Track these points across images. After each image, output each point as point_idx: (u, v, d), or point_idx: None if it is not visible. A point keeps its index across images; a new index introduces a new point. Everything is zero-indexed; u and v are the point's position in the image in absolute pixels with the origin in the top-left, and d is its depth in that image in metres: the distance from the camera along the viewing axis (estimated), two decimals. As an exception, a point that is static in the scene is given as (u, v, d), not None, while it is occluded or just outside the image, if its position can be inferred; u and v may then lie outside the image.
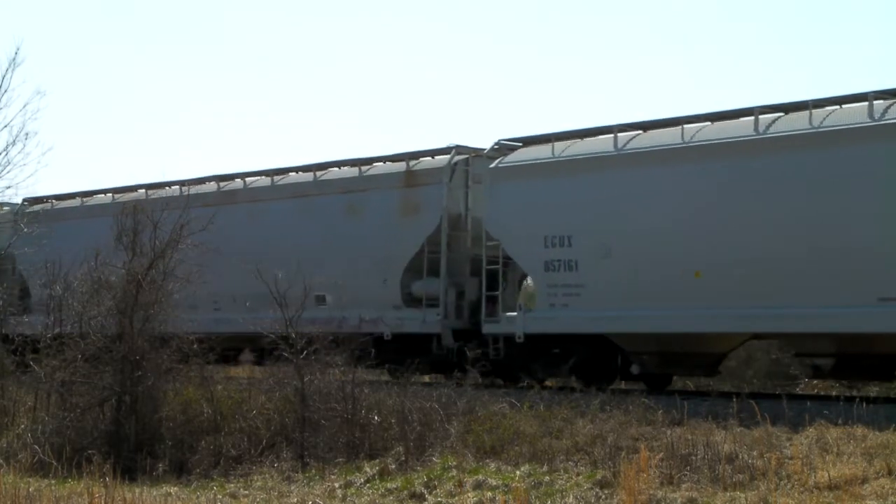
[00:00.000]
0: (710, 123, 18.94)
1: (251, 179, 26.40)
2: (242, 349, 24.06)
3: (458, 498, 12.98)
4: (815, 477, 12.15)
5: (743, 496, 11.78)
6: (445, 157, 22.65)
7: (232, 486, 14.96)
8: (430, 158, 23.16)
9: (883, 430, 13.67)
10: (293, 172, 25.73)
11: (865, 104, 17.10)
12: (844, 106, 17.61)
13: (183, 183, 27.53)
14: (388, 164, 23.82)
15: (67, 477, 15.57)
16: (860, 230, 16.70)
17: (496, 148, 21.72)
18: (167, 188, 27.87)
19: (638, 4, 69.37)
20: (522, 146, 21.39)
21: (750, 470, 12.62)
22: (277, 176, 25.82)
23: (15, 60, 23.34)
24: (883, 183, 16.59)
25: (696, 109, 20.35)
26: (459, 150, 22.60)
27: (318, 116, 74.07)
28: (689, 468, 12.88)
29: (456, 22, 74.00)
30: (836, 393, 19.23)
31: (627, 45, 70.35)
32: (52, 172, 41.12)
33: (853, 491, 11.64)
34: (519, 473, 13.62)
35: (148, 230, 18.86)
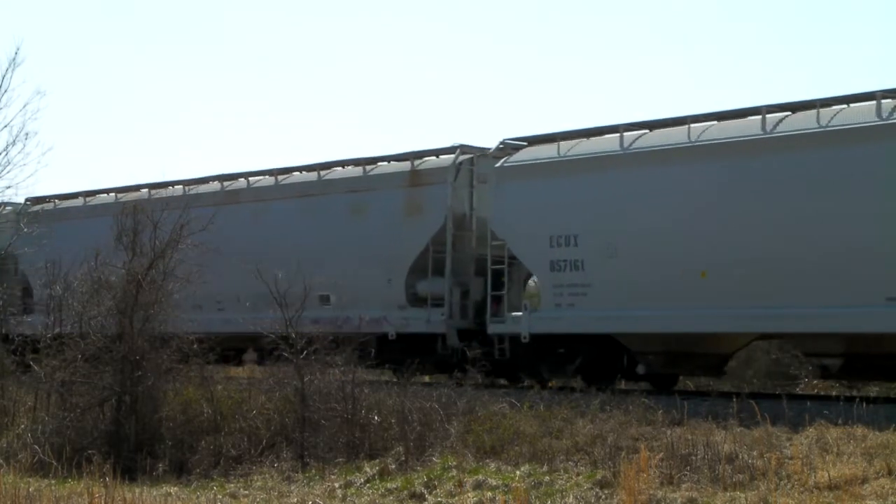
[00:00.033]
0: (716, 122, 18.83)
1: (254, 179, 26.30)
2: (246, 349, 24.08)
3: (458, 498, 12.97)
4: (815, 477, 12.14)
5: (743, 496, 11.77)
6: (450, 156, 22.58)
7: (232, 486, 14.95)
8: (434, 158, 23.08)
9: (883, 430, 13.66)
10: (297, 172, 25.62)
11: (873, 103, 17.00)
12: (852, 105, 17.51)
13: (186, 182, 27.48)
14: (392, 163, 23.75)
15: (67, 477, 15.55)
16: (868, 230, 16.58)
17: (501, 147, 21.63)
18: (170, 188, 27.81)
19: (638, 4, 69.41)
20: (527, 146, 21.30)
21: (750, 470, 12.61)
22: (281, 175, 25.72)
23: (15, 60, 23.30)
24: (890, 182, 16.48)
25: (696, 109, 20.32)
26: (464, 149, 22.52)
27: (318, 116, 74.14)
28: (689, 468, 12.86)
29: (456, 22, 74.07)
30: (836, 393, 19.22)
31: (628, 44, 70.40)
32: (52, 172, 41.11)
33: (853, 491, 11.63)
34: (519, 473, 13.61)
35: (148, 230, 18.85)
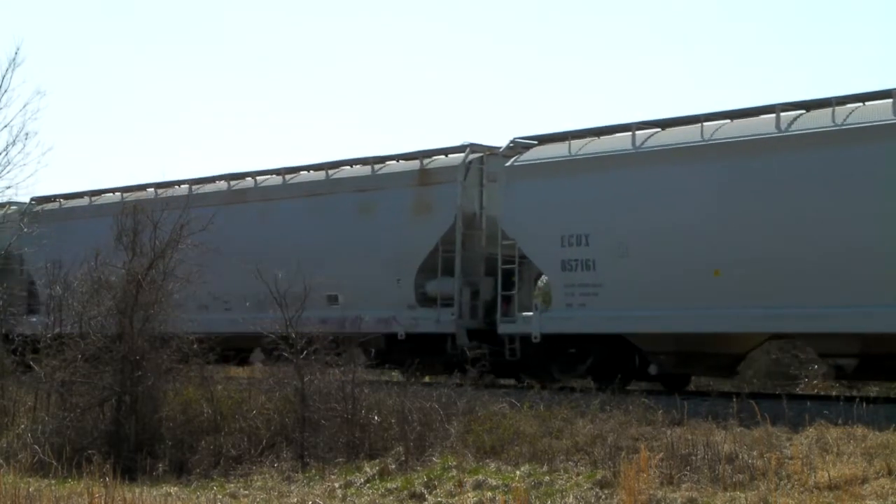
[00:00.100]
0: (729, 121, 18.69)
1: (262, 178, 26.12)
2: (254, 349, 24.00)
3: (458, 498, 12.97)
4: (815, 477, 12.14)
5: (743, 496, 11.77)
6: (460, 155, 22.43)
7: (232, 486, 14.95)
8: (443, 157, 22.94)
9: (883, 430, 13.65)
10: (304, 171, 25.46)
11: (890, 101, 16.85)
12: (868, 103, 17.38)
13: (193, 182, 27.33)
14: (401, 162, 23.61)
15: (67, 477, 15.55)
16: (885, 229, 16.39)
17: (511, 146, 21.49)
18: (176, 187, 27.61)
19: (640, 4, 69.42)
20: (538, 144, 21.15)
21: (750, 470, 12.61)
22: (288, 175, 25.55)
23: (15, 60, 23.32)
24: None
25: (696, 109, 20.26)
26: (474, 148, 22.38)
27: (320, 116, 74.14)
28: (689, 468, 12.86)
29: (458, 21, 74.07)
30: (836, 393, 19.21)
31: (631, 44, 70.42)
32: (52, 172, 41.13)
33: (853, 491, 11.63)
34: (519, 473, 13.61)
35: (149, 230, 18.84)
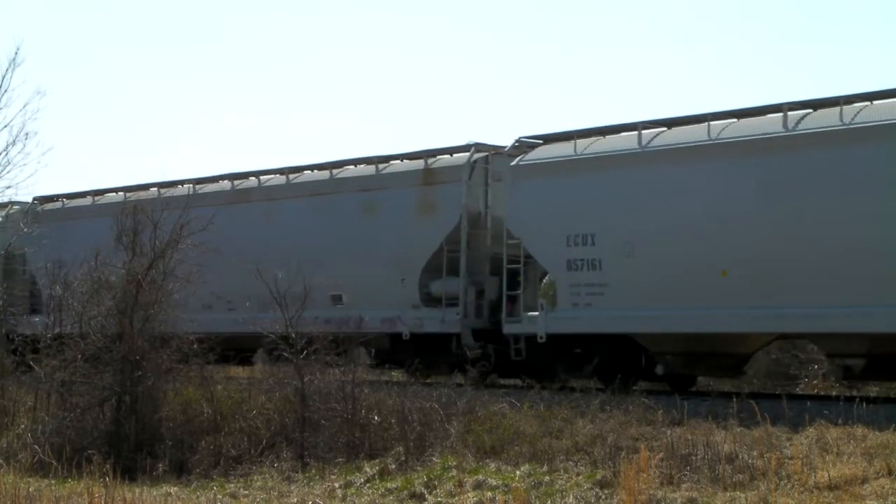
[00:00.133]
0: (736, 120, 18.62)
1: (265, 178, 26.03)
2: (257, 349, 23.97)
3: (458, 498, 12.97)
4: (815, 477, 12.14)
5: (743, 496, 11.77)
6: (464, 154, 22.35)
7: (232, 486, 14.95)
8: (448, 156, 22.85)
9: (883, 430, 13.66)
10: (308, 171, 25.38)
11: None
12: (875, 102, 17.31)
13: (196, 181, 27.25)
14: (405, 162, 23.54)
15: (67, 477, 15.55)
16: (892, 228, 16.31)
17: (516, 145, 21.43)
18: (179, 186, 27.49)
19: (645, 2, 69.45)
20: (543, 144, 21.08)
21: (750, 470, 12.61)
22: (292, 174, 25.47)
23: (15, 60, 23.27)
24: None
25: (703, 108, 20.21)
26: (479, 147, 22.31)
27: (320, 116, 74.10)
28: (689, 468, 12.86)
29: (459, 20, 74.05)
30: (836, 393, 19.21)
31: (633, 43, 70.41)
32: (52, 172, 41.12)
33: (853, 491, 11.63)
34: (519, 473, 13.61)
35: (150, 230, 18.83)
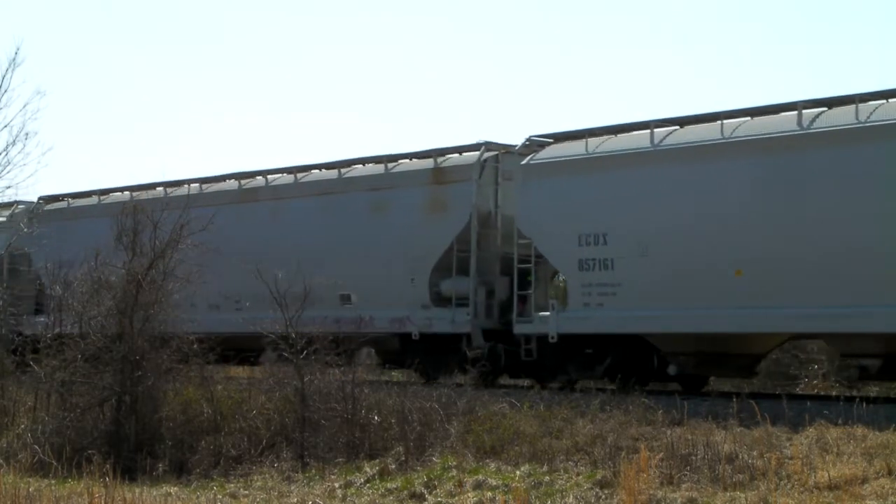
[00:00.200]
0: (749, 118, 18.53)
1: (273, 177, 25.89)
2: (263, 349, 23.91)
3: (458, 498, 12.97)
4: (815, 477, 12.15)
5: (743, 496, 11.78)
6: (475, 153, 22.21)
7: (232, 486, 14.96)
8: (458, 155, 22.72)
9: (883, 430, 13.66)
10: (316, 170, 25.24)
11: None
12: (891, 100, 17.21)
13: (203, 181, 27.14)
14: (414, 161, 23.44)
15: (67, 477, 15.56)
16: None
17: (527, 144, 21.34)
18: (185, 186, 27.33)
19: (642, 4, 69.46)
20: (553, 142, 20.99)
21: (750, 470, 12.61)
22: (300, 174, 25.33)
23: (15, 60, 23.22)
24: None
25: (696, 109, 20.16)
26: (489, 146, 22.19)
27: (322, 116, 74.12)
28: (689, 468, 12.87)
29: (456, 20, 74.04)
30: (836, 393, 19.21)
31: (639, 42, 70.42)
32: (52, 172, 41.15)
33: (853, 491, 11.63)
34: (519, 473, 13.61)
35: (151, 230, 18.84)
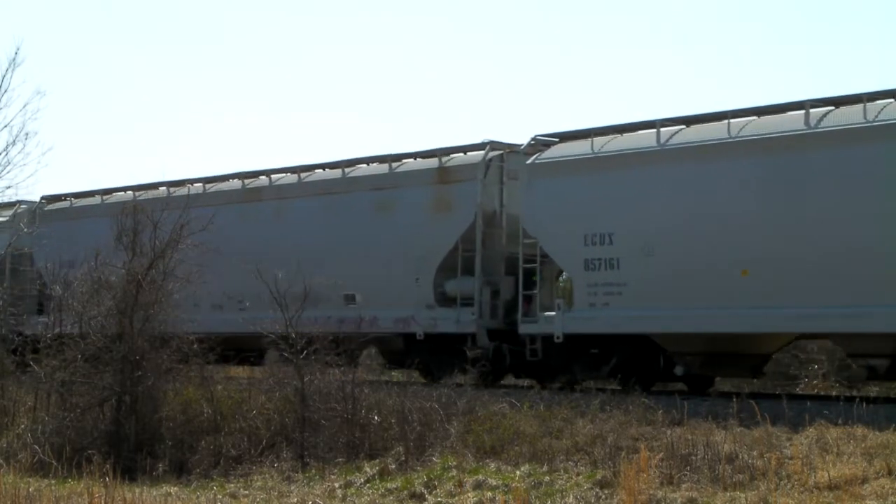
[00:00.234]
0: (756, 117, 18.50)
1: (276, 176, 25.85)
2: (267, 349, 23.89)
3: (458, 498, 12.98)
4: (815, 477, 12.15)
5: (743, 496, 11.78)
6: (479, 152, 22.18)
7: (232, 486, 14.96)
8: (462, 155, 22.70)
9: (883, 430, 13.68)
10: (320, 169, 25.22)
11: None
12: None
13: (207, 180, 27.10)
14: (419, 160, 23.41)
15: (67, 477, 15.56)
16: None
17: (532, 144, 21.31)
18: (189, 185, 27.31)
19: (642, 4, 69.47)
20: (559, 142, 20.97)
21: (750, 470, 12.62)
22: (304, 173, 25.31)
23: (15, 60, 23.21)
24: None
25: (696, 109, 20.12)
26: (494, 145, 22.16)
27: (319, 116, 74.10)
28: (689, 468, 12.87)
29: (457, 20, 74.04)
30: (836, 393, 19.22)
31: (630, 44, 70.43)
32: (52, 172, 41.13)
33: (853, 491, 11.63)
34: (519, 473, 13.62)
35: (152, 229, 18.86)
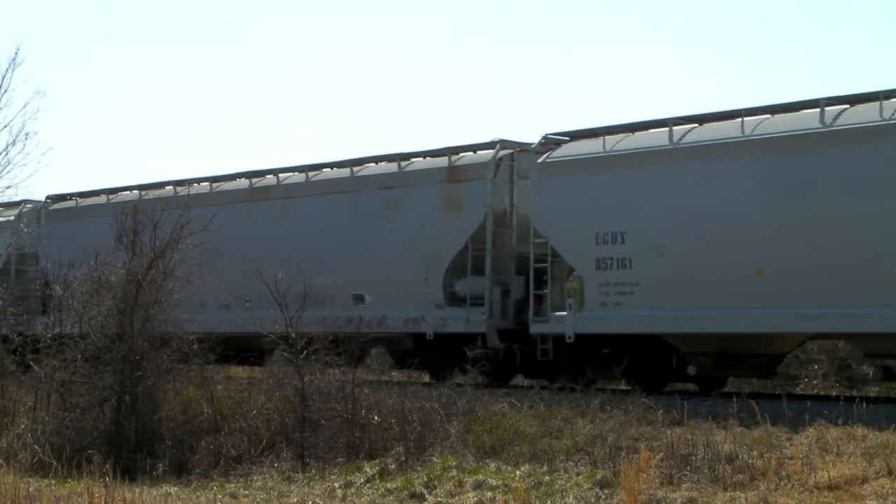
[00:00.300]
0: (770, 116, 18.36)
1: (284, 176, 25.72)
2: (273, 349, 23.89)
3: (458, 498, 12.99)
4: (815, 477, 12.16)
5: (743, 496, 11.79)
6: (489, 151, 22.05)
7: (232, 486, 14.97)
8: (472, 153, 22.56)
9: (883, 430, 13.67)
10: (328, 168, 25.09)
11: None
12: None
13: (214, 179, 26.99)
14: (428, 159, 23.30)
15: (67, 477, 15.57)
16: None
17: (542, 142, 21.18)
18: (195, 184, 27.19)
19: (642, 4, 69.51)
20: (569, 141, 20.85)
21: (750, 470, 12.62)
22: (312, 172, 25.17)
23: (15, 60, 23.20)
24: None
25: (696, 109, 20.04)
26: (504, 144, 22.04)
27: (319, 117, 74.09)
28: (689, 468, 12.88)
29: (457, 20, 74.08)
30: (836, 393, 19.23)
31: (630, 44, 70.46)
32: (52, 173, 41.10)
33: (853, 491, 11.64)
34: (519, 473, 13.62)
35: (152, 229, 18.88)
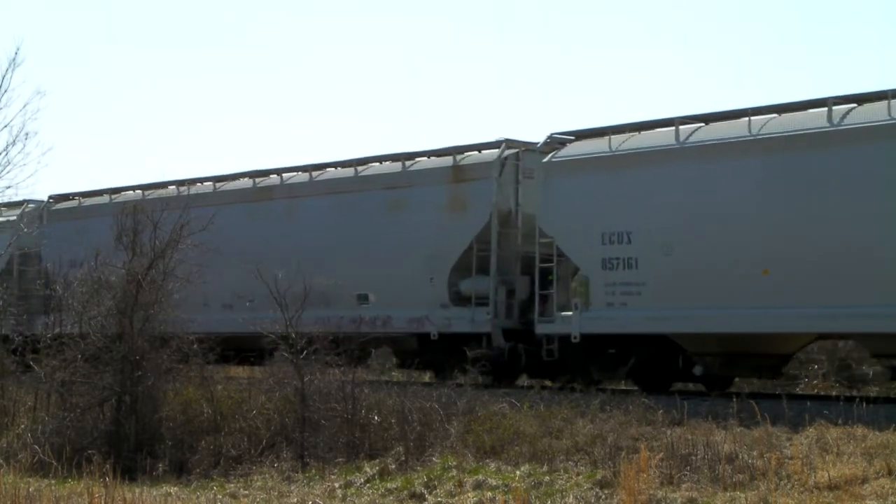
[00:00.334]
0: (776, 115, 18.36)
1: (288, 175, 25.68)
2: (277, 348, 23.86)
3: (458, 498, 12.99)
4: (815, 477, 12.16)
5: (743, 496, 11.79)
6: (495, 151, 22.04)
7: (232, 486, 14.97)
8: (477, 153, 22.55)
9: (883, 430, 13.68)
10: (332, 168, 25.08)
11: None
12: None
13: (216, 179, 26.99)
14: (432, 159, 23.28)
15: (67, 477, 15.58)
16: None
17: (548, 142, 21.19)
18: (198, 184, 27.18)
19: (642, 4, 69.53)
20: (575, 140, 20.84)
21: (750, 470, 12.62)
22: (315, 172, 25.16)
23: (15, 60, 23.14)
24: None
25: (696, 109, 20.02)
26: (509, 144, 22.00)
27: (319, 117, 74.13)
28: (689, 468, 12.88)
29: (457, 20, 74.11)
30: (836, 393, 19.24)
31: (630, 44, 70.49)
32: (53, 173, 41.07)
33: (853, 491, 11.64)
34: (519, 473, 13.63)
35: (152, 229, 18.89)
